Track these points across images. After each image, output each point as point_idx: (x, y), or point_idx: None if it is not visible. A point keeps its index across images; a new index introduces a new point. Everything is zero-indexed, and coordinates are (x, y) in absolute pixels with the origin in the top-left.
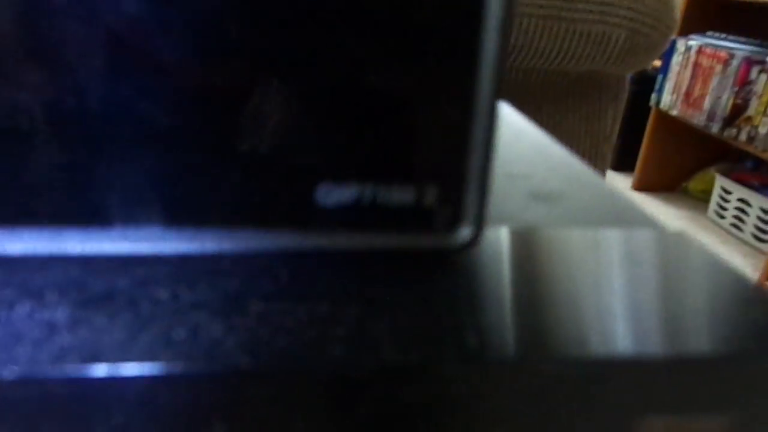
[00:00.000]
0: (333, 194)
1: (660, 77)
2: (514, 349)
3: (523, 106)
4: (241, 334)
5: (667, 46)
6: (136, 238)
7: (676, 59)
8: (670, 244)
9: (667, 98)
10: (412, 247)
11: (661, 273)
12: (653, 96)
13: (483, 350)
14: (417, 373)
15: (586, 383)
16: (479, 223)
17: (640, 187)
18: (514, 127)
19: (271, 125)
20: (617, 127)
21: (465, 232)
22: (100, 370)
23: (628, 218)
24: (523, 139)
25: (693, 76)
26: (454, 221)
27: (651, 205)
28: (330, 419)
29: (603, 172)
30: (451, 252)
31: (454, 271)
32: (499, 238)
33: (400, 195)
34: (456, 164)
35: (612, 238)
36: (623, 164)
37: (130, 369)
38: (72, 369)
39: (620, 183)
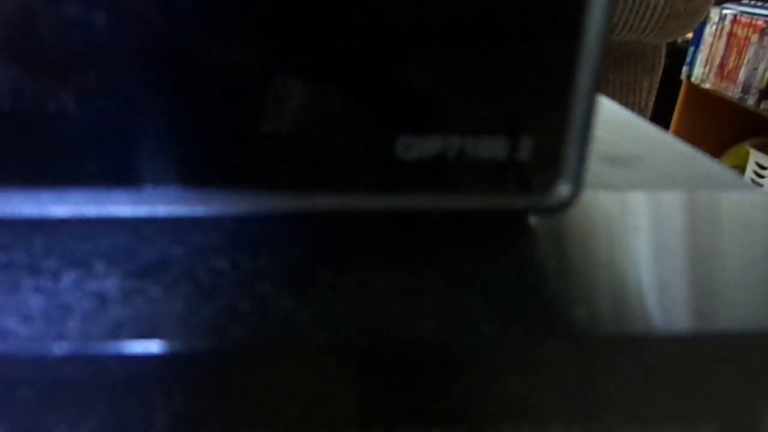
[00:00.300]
0: (414, 147)
1: (691, 49)
2: (625, 323)
3: None
4: (314, 307)
5: (708, 9)
6: (189, 200)
7: (709, 30)
8: None
9: (699, 71)
10: (503, 207)
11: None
12: (684, 69)
13: (592, 325)
14: (519, 354)
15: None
16: (579, 181)
17: None
18: None
19: (341, 65)
20: (653, 98)
21: (564, 191)
22: (157, 346)
23: (716, 179)
24: None
25: (727, 47)
26: (552, 178)
27: None
28: (418, 400)
29: None
30: (548, 212)
31: (544, 237)
32: (585, 201)
33: (490, 148)
34: (557, 112)
35: (707, 200)
36: None
37: (192, 344)
38: (127, 345)
39: None
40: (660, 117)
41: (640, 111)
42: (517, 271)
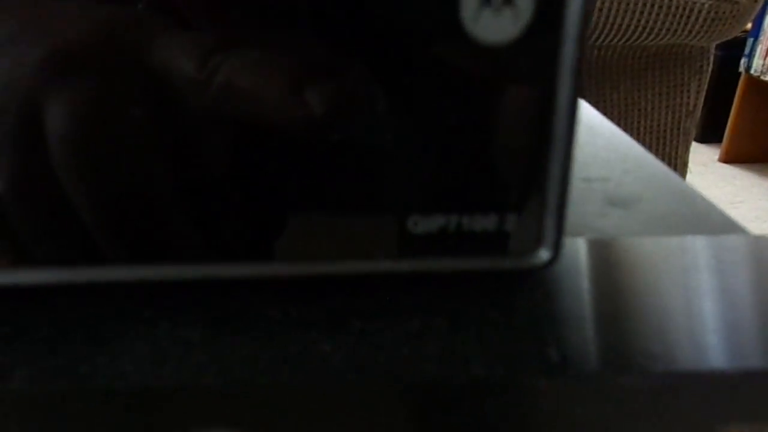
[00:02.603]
0: (421, 224)
1: (750, 40)
2: (596, 364)
3: (599, 84)
4: (344, 351)
5: (758, 10)
6: (248, 267)
7: None
8: (760, 250)
9: (759, 62)
10: (493, 269)
11: (752, 282)
12: (743, 60)
13: (565, 365)
14: (503, 387)
15: (670, 396)
16: (557, 246)
17: (728, 158)
18: (587, 123)
19: (369, 168)
20: (701, 100)
21: (543, 255)
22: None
23: (711, 223)
24: (597, 137)
25: None
26: (533, 245)
27: (741, 178)
28: (422, 429)
29: (686, 148)
30: (532, 272)
31: (534, 287)
32: (578, 250)
33: (483, 223)
34: (534, 192)
35: (695, 246)
36: (708, 135)
37: (256, 381)
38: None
39: (705, 155)
40: (716, 111)
41: (687, 113)
42: (507, 318)
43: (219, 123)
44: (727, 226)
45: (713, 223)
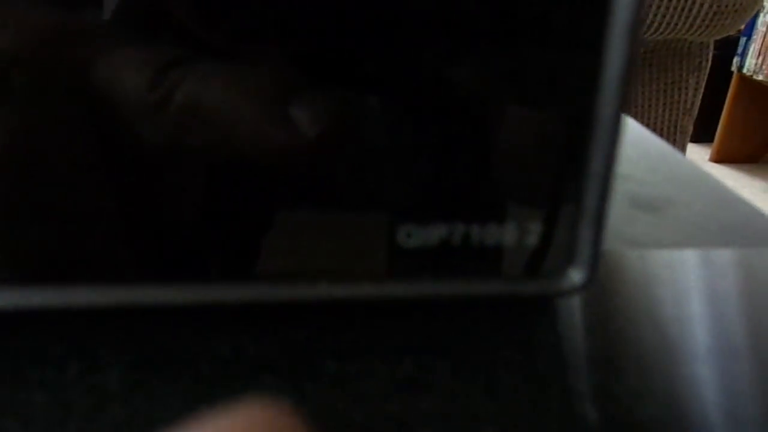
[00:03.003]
0: (416, 236)
1: (743, 39)
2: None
3: None
4: (314, 404)
5: (760, 4)
6: (194, 290)
7: (762, 19)
8: None
9: (752, 62)
10: (511, 295)
11: None
12: (735, 60)
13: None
14: None
15: None
16: (593, 264)
17: (720, 158)
18: None
19: (344, 158)
20: (699, 98)
21: (576, 276)
22: None
23: (757, 231)
24: None
25: None
26: (563, 264)
27: (732, 178)
28: None
29: (683, 147)
30: (559, 297)
31: (555, 317)
32: (603, 267)
33: (497, 235)
34: (568, 195)
35: (747, 261)
36: (700, 135)
37: None
38: None
39: (696, 155)
40: (708, 110)
41: (686, 110)
42: (526, 361)
43: (177, 154)
44: None
45: (759, 230)
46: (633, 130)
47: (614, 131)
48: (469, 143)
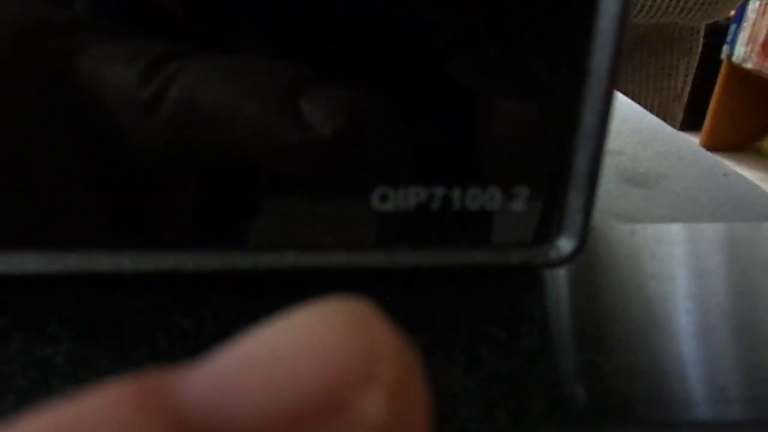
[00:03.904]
0: (391, 199)
1: (733, 27)
2: (636, 409)
3: None
4: None
5: None
6: (157, 257)
7: (752, 6)
8: None
9: (741, 50)
10: (496, 264)
11: None
12: (725, 48)
13: (590, 412)
14: None
15: None
16: (583, 234)
17: (709, 147)
18: None
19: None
20: (689, 84)
21: (565, 245)
22: None
23: (753, 205)
24: None
25: None
26: (552, 232)
27: None
28: None
29: None
30: (548, 268)
31: (542, 292)
32: (593, 241)
33: (481, 199)
34: (558, 157)
35: (744, 235)
36: (689, 123)
37: None
38: None
39: None
40: (697, 98)
41: (676, 96)
42: (508, 336)
43: (170, 155)
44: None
45: (757, 204)
46: (625, 106)
47: (609, 83)
48: (450, 104)
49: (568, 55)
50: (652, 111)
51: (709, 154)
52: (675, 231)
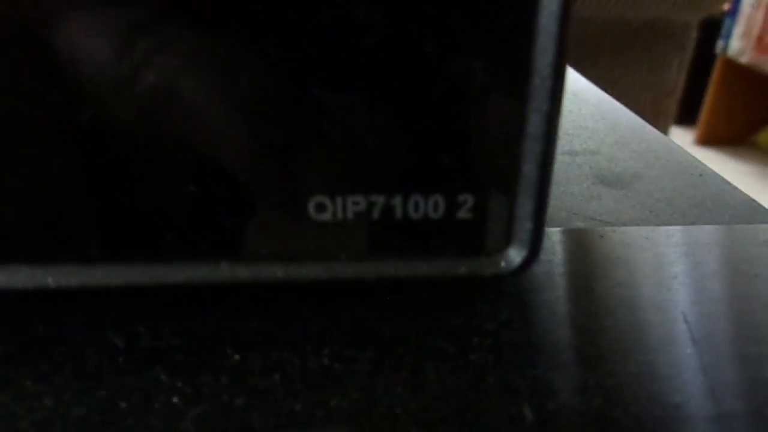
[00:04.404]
0: (329, 209)
1: (728, 21)
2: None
3: (577, 61)
4: (206, 405)
5: None
6: (74, 272)
7: (748, 0)
8: None
9: (736, 44)
10: (441, 276)
11: None
12: (719, 42)
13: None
14: None
15: None
16: (535, 243)
17: (704, 141)
18: (570, 88)
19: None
20: (682, 79)
21: (514, 256)
22: None
23: (728, 206)
24: (583, 104)
25: None
26: (499, 242)
27: (716, 161)
28: None
29: (666, 130)
30: (495, 281)
31: (501, 302)
32: (562, 244)
33: (423, 208)
34: (504, 162)
35: (714, 238)
36: (683, 117)
37: None
38: None
39: (680, 138)
40: (692, 93)
41: (669, 91)
42: (458, 350)
43: (147, 139)
44: (749, 210)
45: (731, 206)
46: (604, 103)
47: (555, 82)
48: (387, 109)
49: (509, 56)
50: (644, 107)
51: (686, 153)
52: (644, 235)
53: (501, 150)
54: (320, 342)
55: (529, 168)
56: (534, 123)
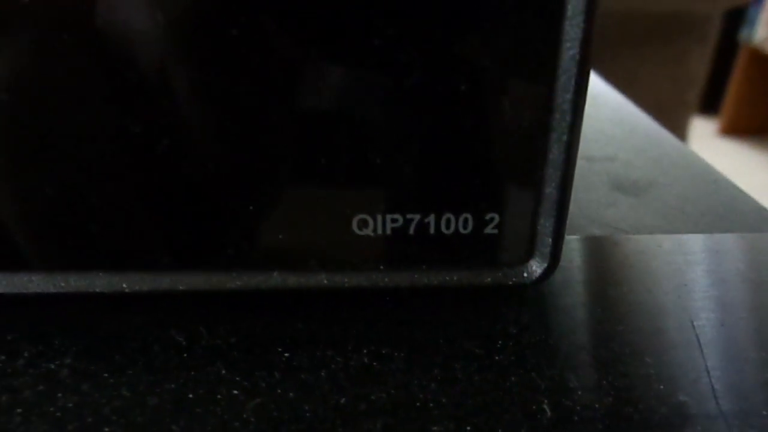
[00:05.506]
0: (370, 225)
1: (752, 10)
2: (602, 424)
3: (597, 54)
4: (263, 397)
5: None
6: (145, 278)
7: None
8: None
9: (762, 32)
10: (469, 285)
11: None
12: (744, 31)
13: (561, 425)
14: None
15: None
16: (555, 255)
17: (727, 130)
18: (591, 90)
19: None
20: (704, 70)
21: (536, 267)
22: None
23: (743, 215)
24: (601, 109)
25: None
26: (522, 254)
27: (740, 150)
28: None
29: (686, 121)
30: (520, 288)
31: (523, 308)
32: (580, 252)
33: (454, 224)
34: (527, 184)
35: (728, 247)
36: (707, 107)
37: None
38: None
39: (703, 128)
40: (714, 82)
41: (690, 83)
42: (485, 354)
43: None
44: (759, 219)
45: (745, 214)
46: (623, 107)
47: (574, 117)
48: (422, 133)
49: (534, 93)
50: (665, 99)
51: (701, 159)
52: (657, 242)
53: (525, 175)
54: (360, 342)
55: (549, 191)
56: (555, 152)
